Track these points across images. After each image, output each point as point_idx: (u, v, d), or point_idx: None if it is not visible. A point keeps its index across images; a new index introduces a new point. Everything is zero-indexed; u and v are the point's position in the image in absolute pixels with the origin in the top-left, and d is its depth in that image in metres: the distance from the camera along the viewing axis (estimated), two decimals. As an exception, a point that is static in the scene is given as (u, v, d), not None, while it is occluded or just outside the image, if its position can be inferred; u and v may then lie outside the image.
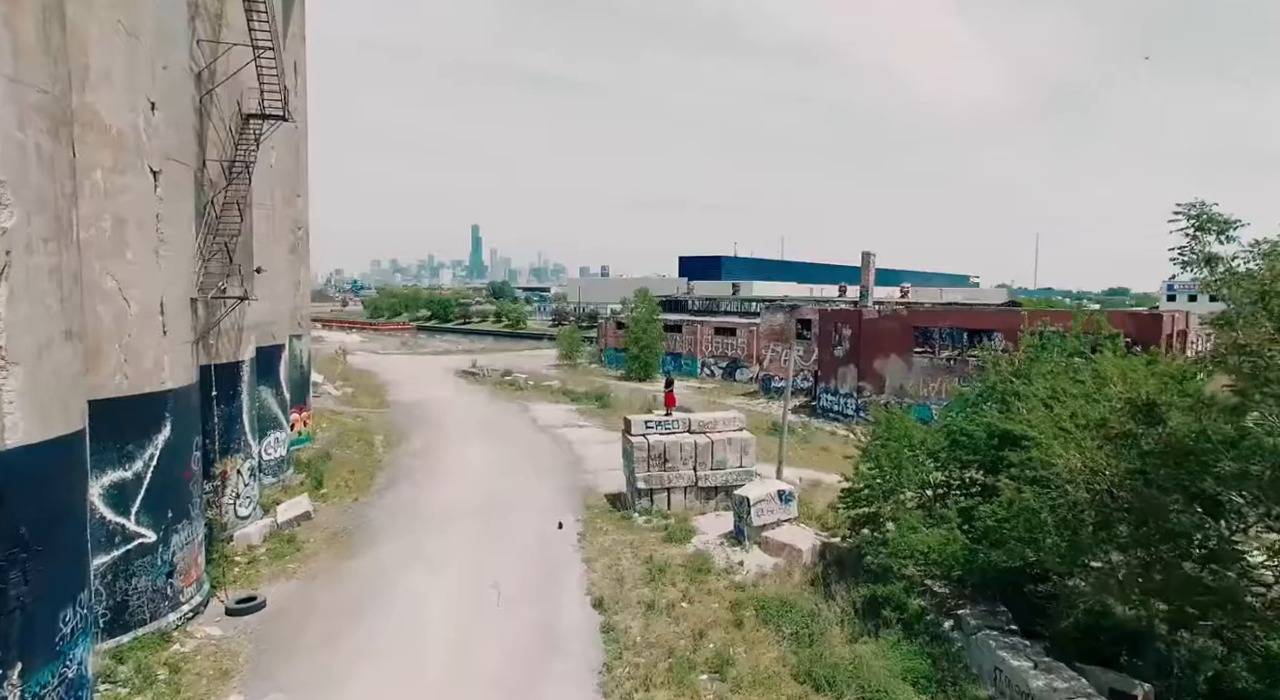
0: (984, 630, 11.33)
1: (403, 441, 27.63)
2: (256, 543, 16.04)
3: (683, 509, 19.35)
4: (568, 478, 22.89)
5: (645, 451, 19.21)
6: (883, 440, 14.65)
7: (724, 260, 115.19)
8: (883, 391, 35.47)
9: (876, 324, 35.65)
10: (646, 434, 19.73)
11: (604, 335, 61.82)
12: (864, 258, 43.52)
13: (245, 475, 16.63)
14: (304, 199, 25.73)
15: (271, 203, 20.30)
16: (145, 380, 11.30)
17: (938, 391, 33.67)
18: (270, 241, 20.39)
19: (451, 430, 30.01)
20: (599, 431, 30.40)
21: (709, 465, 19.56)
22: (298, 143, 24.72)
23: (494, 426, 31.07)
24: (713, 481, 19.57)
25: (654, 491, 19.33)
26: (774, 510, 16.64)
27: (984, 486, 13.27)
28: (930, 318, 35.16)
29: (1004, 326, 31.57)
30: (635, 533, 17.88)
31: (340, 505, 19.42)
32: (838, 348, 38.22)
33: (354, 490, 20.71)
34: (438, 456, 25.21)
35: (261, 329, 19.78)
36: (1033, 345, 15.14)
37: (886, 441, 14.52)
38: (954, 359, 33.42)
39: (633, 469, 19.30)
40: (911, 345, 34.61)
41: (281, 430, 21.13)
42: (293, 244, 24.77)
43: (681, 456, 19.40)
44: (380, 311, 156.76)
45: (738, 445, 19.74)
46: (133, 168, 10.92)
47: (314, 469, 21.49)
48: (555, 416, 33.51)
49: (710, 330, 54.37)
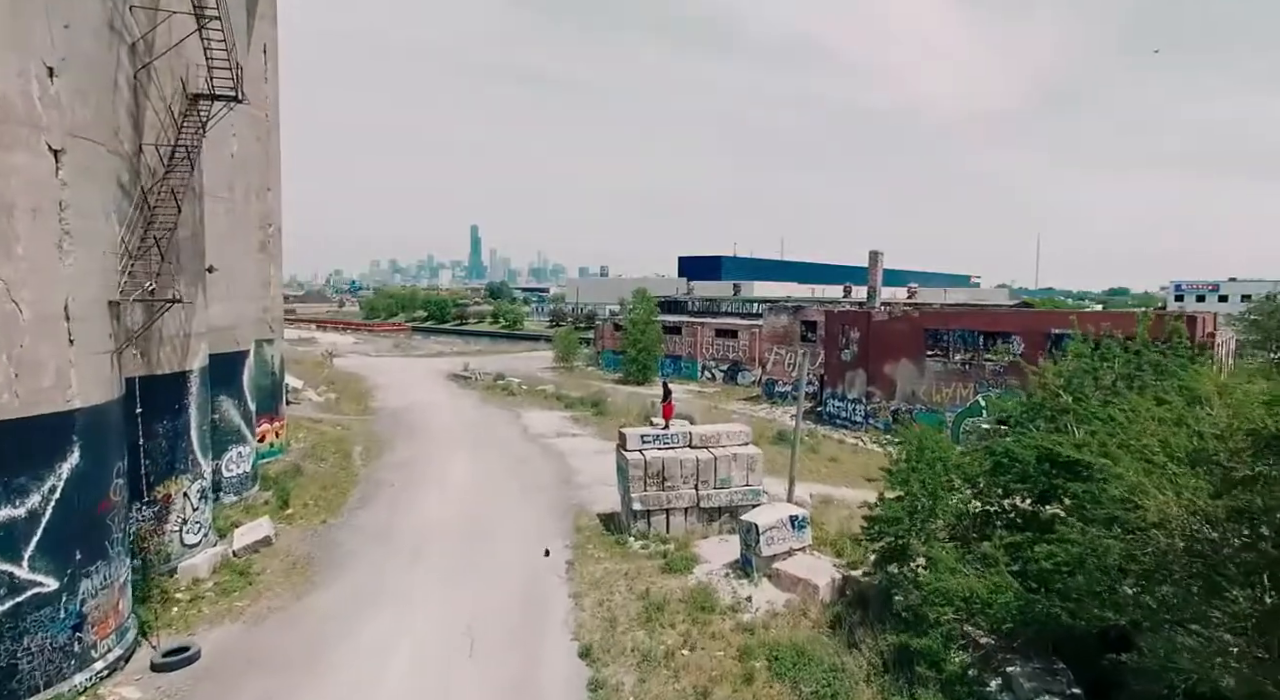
0: (1042, 696, 9.53)
1: (384, 452, 25.81)
2: (204, 575, 14.22)
3: (683, 532, 17.55)
4: (558, 494, 21.07)
5: (641, 469, 17.40)
6: (913, 462, 12.85)
7: (724, 260, 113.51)
8: (893, 397, 33.72)
9: (886, 326, 33.86)
10: (643, 449, 17.92)
11: (601, 337, 60.00)
12: (871, 257, 41.73)
13: (194, 498, 14.80)
14: (275, 194, 23.91)
15: (232, 196, 18.48)
16: (43, 399, 9.48)
17: (951, 397, 31.91)
18: (231, 238, 18.58)
19: (437, 440, 28.19)
20: (593, 441, 28.59)
21: (712, 484, 17.75)
22: (267, 133, 22.90)
23: (482, 436, 29.25)
24: (716, 502, 17.77)
25: (651, 513, 17.52)
26: (786, 538, 14.84)
27: (1031, 517, 11.47)
28: (943, 319, 33.35)
29: (1023, 329, 29.79)
30: (630, 560, 16.07)
31: (306, 528, 17.59)
32: (845, 351, 36.42)
33: (323, 510, 18.89)
34: (419, 470, 23.38)
35: (219, 334, 17.98)
36: (1083, 354, 13.23)
37: (917, 464, 12.72)
38: (969, 363, 31.63)
39: (628, 488, 17.49)
40: (923, 348, 32.82)
41: (245, 444, 19.31)
42: (261, 242, 22.94)
43: (682, 474, 17.59)
44: (376, 312, 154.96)
45: (744, 461, 17.93)
46: (22, 144, 9.10)
47: (281, 486, 19.68)
48: (548, 424, 31.69)
49: (711, 332, 52.56)
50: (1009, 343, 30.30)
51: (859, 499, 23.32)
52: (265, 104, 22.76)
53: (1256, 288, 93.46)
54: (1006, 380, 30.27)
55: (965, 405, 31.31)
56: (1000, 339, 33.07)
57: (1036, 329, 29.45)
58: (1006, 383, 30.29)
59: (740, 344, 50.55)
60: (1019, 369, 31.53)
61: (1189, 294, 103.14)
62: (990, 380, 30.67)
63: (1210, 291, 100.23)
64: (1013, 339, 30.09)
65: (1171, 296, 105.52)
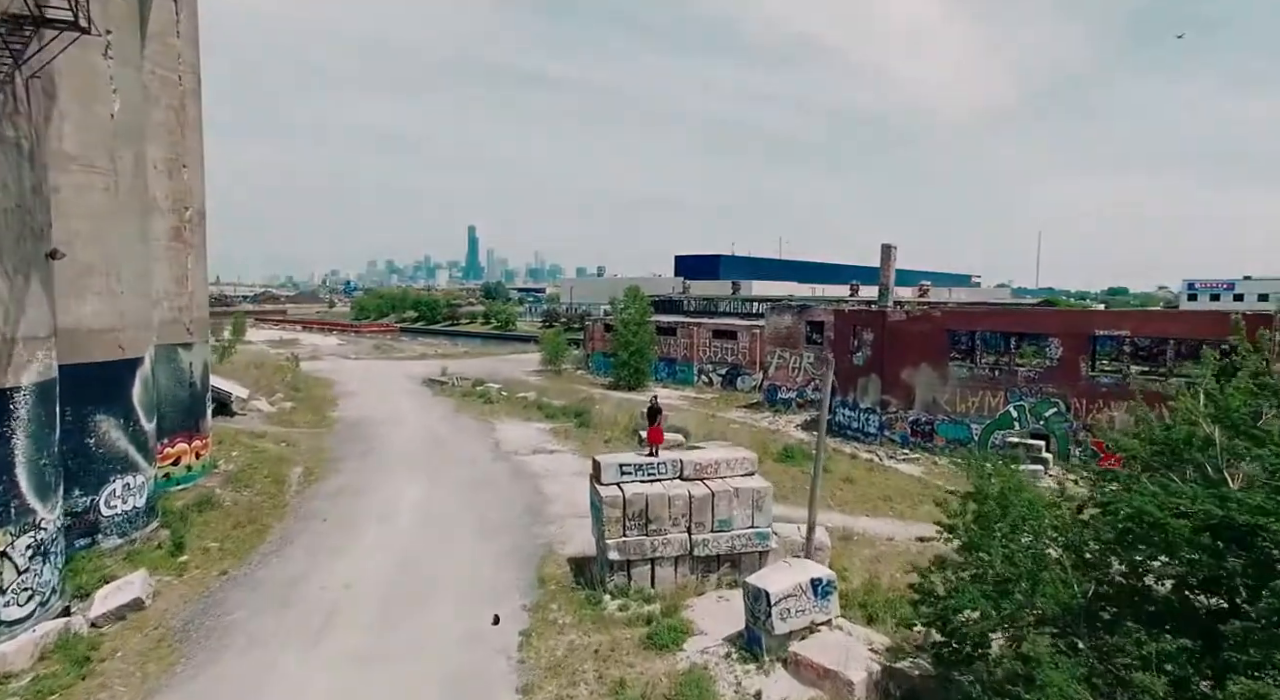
0: None
1: (327, 475, 22.19)
2: (22, 665, 10.59)
3: (673, 587, 13.96)
4: (523, 532, 17.46)
5: (619, 508, 13.81)
6: (987, 515, 9.25)
7: (722, 259, 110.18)
8: (911, 407, 30.13)
9: (904, 327, 30.28)
10: (622, 482, 14.33)
11: (591, 338, 56.38)
12: (884, 251, 38.13)
13: (19, 556, 11.18)
14: (196, 172, 20.27)
15: (114, 168, 14.84)
16: None
17: (978, 407, 28.34)
18: (112, 220, 14.94)
19: (393, 458, 24.56)
20: (573, 459, 24.99)
21: (709, 526, 14.16)
22: (182, 99, 19.30)
23: (447, 452, 25.62)
24: (714, 548, 14.17)
25: (632, 563, 13.93)
26: (806, 608, 11.24)
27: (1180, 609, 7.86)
28: (969, 319, 29.82)
29: (1061, 330, 26.22)
30: (604, 629, 12.48)
31: (197, 582, 13.96)
32: (857, 354, 32.83)
33: (228, 555, 15.26)
34: (363, 499, 19.77)
35: (91, 338, 14.37)
36: (1262, 372, 9.19)
37: (990, 522, 9.11)
38: (998, 368, 28.08)
39: (603, 531, 13.89)
40: (946, 352, 29.26)
41: (135, 472, 15.66)
42: (174, 228, 19.35)
43: (670, 515, 14.00)
44: (366, 313, 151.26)
45: (748, 498, 14.34)
46: None
47: (179, 524, 16.05)
48: (523, 438, 28.07)
49: (708, 333, 48.97)
50: (1045, 346, 26.76)
51: (883, 532, 19.81)
52: (179, 65, 19.16)
53: (1274, 286, 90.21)
54: (1042, 388, 26.75)
55: (994, 416, 27.79)
56: (1034, 341, 29.53)
57: (1077, 330, 25.90)
58: (1043, 391, 26.78)
59: (740, 346, 46.98)
60: (1056, 376, 28.16)
61: (1202, 293, 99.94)
62: (1023, 388, 27.13)
63: (1225, 290, 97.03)
64: (1049, 342, 26.54)
65: (1184, 295, 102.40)
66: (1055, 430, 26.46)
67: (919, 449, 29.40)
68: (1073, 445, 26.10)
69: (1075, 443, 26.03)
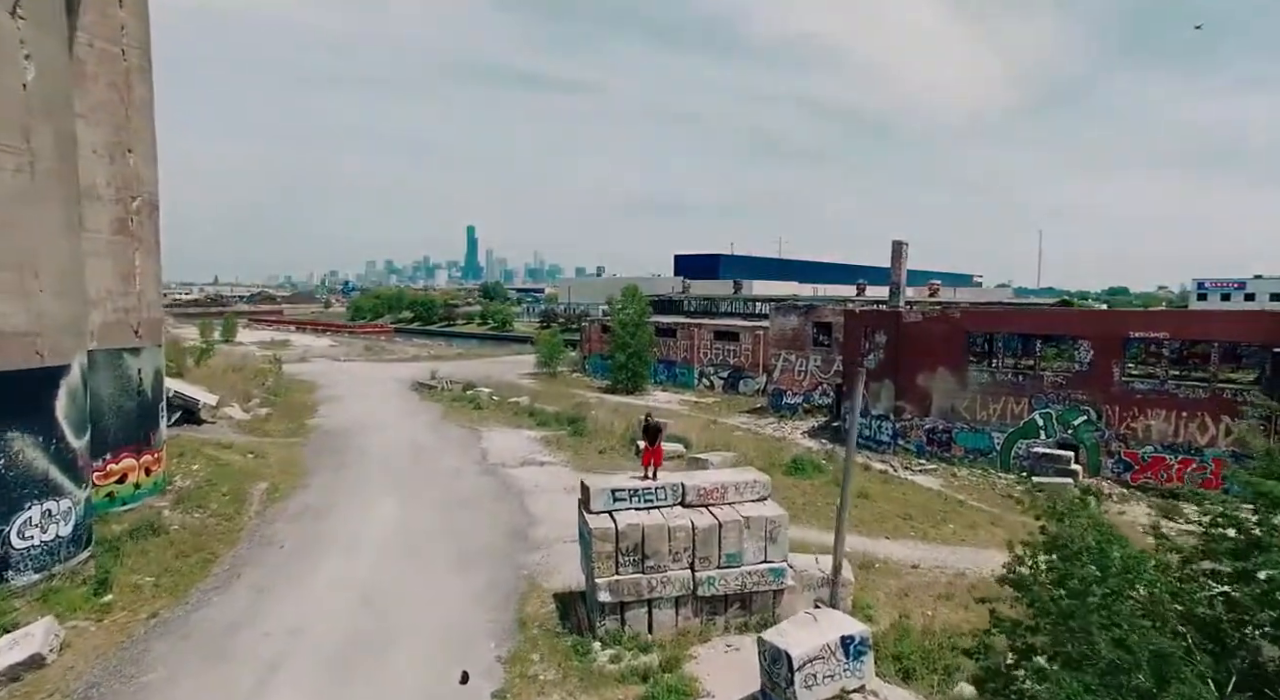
0: None
1: (294, 492, 20.24)
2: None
3: (673, 632, 12.03)
4: (505, 561, 15.51)
5: (612, 541, 11.86)
6: (1072, 576, 7.28)
7: (722, 258, 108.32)
8: (928, 414, 28.21)
9: (920, 328, 28.35)
10: (614, 510, 12.39)
11: (588, 340, 54.45)
12: (895, 248, 36.12)
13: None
14: (145, 158, 18.31)
15: (28, 147, 12.88)
16: None
17: (1000, 414, 26.41)
18: (26, 205, 12.96)
19: (369, 472, 22.62)
20: (565, 472, 23.06)
21: (715, 561, 12.21)
22: (126, 77, 17.34)
23: (428, 465, 23.67)
24: (721, 587, 12.23)
25: (626, 605, 11.98)
26: (835, 673, 9.28)
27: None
28: (990, 320, 27.89)
29: (1092, 332, 24.26)
30: (592, 689, 10.54)
31: (120, 629, 11.98)
32: (868, 357, 30.89)
33: (162, 593, 13.29)
34: (329, 520, 17.82)
35: (0, 344, 12.42)
36: None
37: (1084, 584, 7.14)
38: (1022, 373, 26.15)
39: (592, 568, 11.95)
40: (966, 355, 27.34)
41: (58, 497, 13.70)
42: (119, 219, 17.41)
43: (671, 548, 12.05)
44: (362, 313, 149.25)
45: (760, 527, 12.39)
46: None
47: (110, 555, 14.08)
48: (512, 449, 26.12)
49: (709, 334, 47.03)
50: (1074, 349, 24.82)
51: (907, 557, 17.82)
52: (123, 39, 17.20)
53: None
54: (1071, 394, 24.81)
55: (1018, 424, 25.86)
56: (1061, 344, 27.58)
57: (1110, 332, 23.96)
58: (1071, 397, 24.84)
59: (742, 348, 45.03)
60: (1086, 381, 26.20)
61: (1212, 292, 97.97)
62: (1049, 394, 25.20)
63: (1236, 290, 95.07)
64: (1078, 344, 24.61)
65: (1194, 295, 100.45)
66: (1085, 440, 24.54)
67: (936, 459, 27.48)
68: (1104, 456, 24.19)
69: (1107, 454, 24.11)
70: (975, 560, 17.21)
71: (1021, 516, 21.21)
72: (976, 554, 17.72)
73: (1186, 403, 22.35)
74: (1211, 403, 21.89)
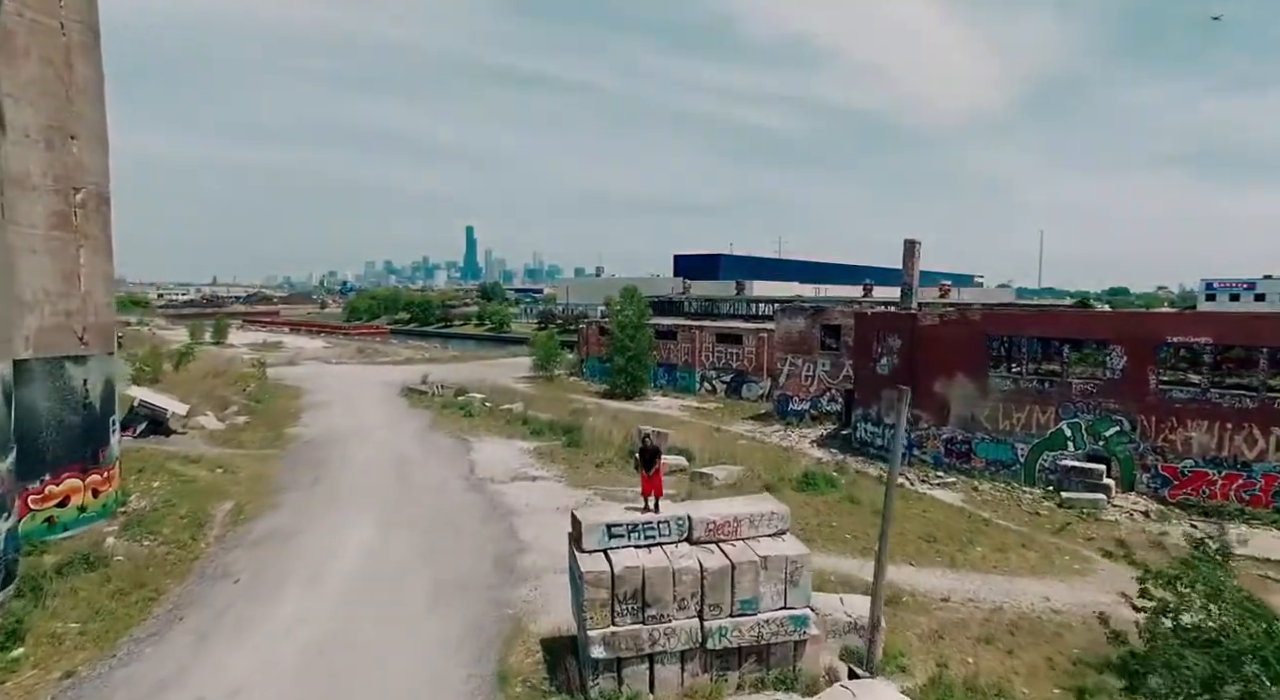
0: None
1: (262, 511, 18.51)
2: None
3: (679, 692, 10.30)
4: (487, 595, 13.77)
5: (607, 587, 10.13)
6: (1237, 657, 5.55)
7: (722, 258, 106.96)
8: (945, 423, 26.48)
9: (937, 332, 26.62)
10: (610, 549, 10.65)
11: (585, 342, 52.74)
12: (907, 246, 34.45)
13: None
14: (91, 146, 16.56)
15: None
16: None
17: (1024, 424, 24.70)
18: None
19: (346, 488, 20.89)
20: (559, 489, 21.35)
21: (727, 608, 10.48)
22: (66, 55, 15.58)
23: (411, 481, 21.93)
24: (734, 638, 10.49)
25: (624, 661, 10.24)
26: (880, 765, 7.55)
27: None
28: (1013, 323, 26.16)
29: (1124, 336, 22.51)
30: (582, 769, 8.82)
31: (24, 695, 10.21)
32: (881, 362, 29.21)
33: (88, 643, 11.51)
34: (295, 547, 16.08)
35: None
36: None
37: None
38: (1048, 381, 24.43)
39: (584, 618, 10.21)
40: (986, 360, 25.63)
41: (-28, 530, 11.94)
42: (59, 213, 15.66)
43: (676, 594, 10.31)
44: (358, 314, 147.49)
45: (780, 568, 10.65)
46: None
47: (30, 597, 12.31)
48: (503, 461, 24.38)
49: (711, 337, 45.32)
50: (1106, 354, 23.10)
51: (936, 587, 15.96)
52: (61, 11, 15.46)
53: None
54: (1102, 403, 23.10)
55: (1044, 435, 24.16)
56: (1090, 349, 25.87)
57: (1145, 336, 22.24)
58: (1102, 406, 23.13)
59: (745, 351, 43.34)
60: (1118, 389, 24.44)
61: (1221, 293, 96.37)
62: (1079, 403, 23.50)
63: (1245, 290, 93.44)
64: (1110, 350, 22.89)
65: (1202, 295, 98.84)
66: (1118, 452, 22.83)
67: (955, 471, 25.77)
68: (1139, 470, 22.48)
69: (1142, 467, 22.41)
70: (1010, 591, 15.52)
71: (1054, 538, 19.53)
72: (1010, 583, 16.03)
73: (1232, 413, 20.64)
74: (1261, 413, 20.18)
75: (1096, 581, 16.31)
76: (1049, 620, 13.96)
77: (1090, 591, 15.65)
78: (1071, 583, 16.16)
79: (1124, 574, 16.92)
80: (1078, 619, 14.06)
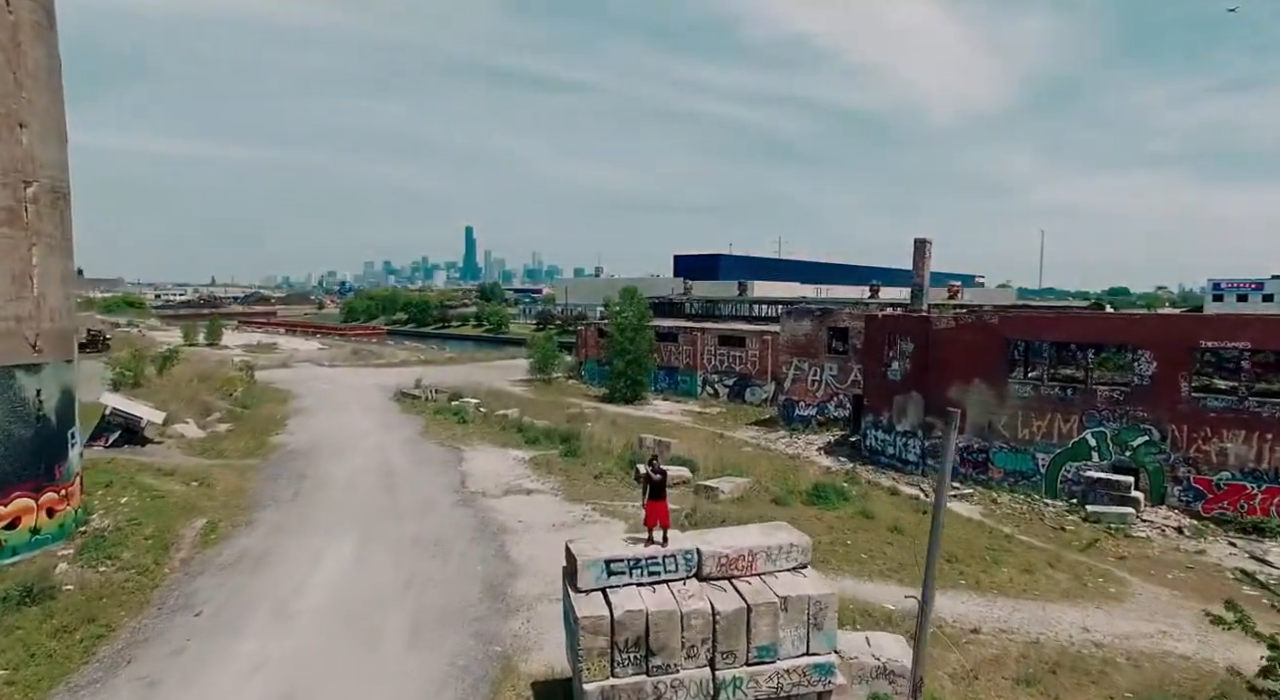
0: None
1: (236, 530, 17.22)
2: None
3: (687, 753, 9.01)
4: (474, 628, 12.47)
5: (606, 633, 8.84)
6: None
7: (722, 258, 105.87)
8: (961, 431, 25.20)
9: (952, 335, 25.35)
10: (609, 587, 9.36)
11: (584, 344, 51.47)
12: (918, 246, 33.26)
13: None
14: (45, 139, 15.26)
15: None
16: None
17: (1045, 432, 23.44)
18: None
19: (327, 503, 19.60)
20: (555, 503, 20.08)
21: (742, 656, 9.19)
22: (14, 34, 14.29)
23: (398, 495, 20.64)
24: (751, 690, 9.19)
25: (625, 718, 8.96)
26: None
27: None
28: (1034, 326, 24.90)
29: (1155, 340, 21.25)
30: None
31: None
32: (892, 367, 27.96)
33: (18, 693, 10.16)
34: (268, 571, 14.78)
35: None
36: None
37: None
38: (1072, 387, 23.17)
39: (580, 668, 8.92)
40: (1005, 366, 24.37)
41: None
42: (8, 208, 14.36)
43: (684, 640, 9.03)
44: (355, 315, 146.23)
45: (801, 610, 9.37)
46: None
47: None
48: (496, 472, 23.09)
49: (713, 339, 44.05)
50: (1136, 359, 21.83)
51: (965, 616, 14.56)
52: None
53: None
54: (1129, 411, 21.83)
55: (1066, 444, 22.90)
56: (1110, 352, 24.65)
57: (1178, 341, 20.98)
58: (1130, 415, 21.86)
59: (749, 354, 42.07)
60: (1148, 396, 23.10)
61: (1228, 293, 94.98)
62: (1104, 410, 22.25)
63: (1254, 290, 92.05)
64: (1140, 354, 21.62)
65: (1209, 296, 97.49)
66: (1146, 463, 21.57)
67: (971, 482, 24.51)
68: (1170, 483, 21.22)
69: (1173, 480, 21.14)
70: (1044, 620, 14.25)
71: (1082, 556, 18.26)
72: (1043, 610, 14.75)
73: (1273, 422, 19.37)
74: (1305, 423, 18.93)
75: (1136, 608, 15.06)
76: (1091, 656, 12.69)
77: (1130, 620, 14.39)
78: (1109, 609, 14.89)
79: (1164, 600, 15.71)
80: (1122, 654, 12.82)
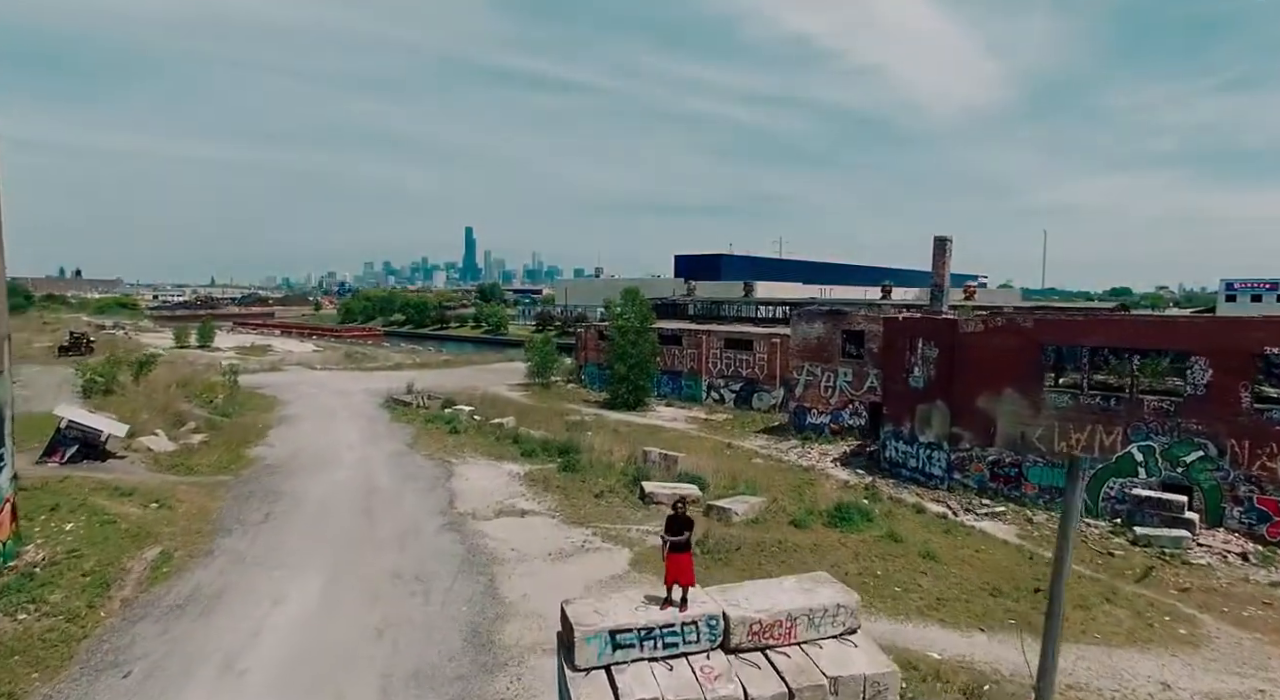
0: None
1: (192, 561, 15.29)
2: None
3: None
4: (455, 690, 10.54)
5: (610, 730, 6.93)
6: None
7: (723, 259, 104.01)
8: (991, 443, 23.29)
9: (981, 340, 23.41)
10: (614, 664, 7.45)
11: (584, 347, 49.53)
12: (938, 244, 31.31)
13: None
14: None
15: None
16: None
17: (1085, 445, 21.48)
18: None
19: (299, 528, 17.67)
20: (553, 526, 18.15)
21: (782, 754, 7.27)
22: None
23: (378, 517, 18.71)
24: (792, 798, 7.29)
25: None
26: None
27: None
28: (1071, 330, 22.97)
29: (1210, 346, 19.32)
30: None
31: None
32: (914, 373, 26.01)
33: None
34: (218, 616, 12.85)
35: None
36: None
37: None
38: (1115, 396, 21.24)
39: (577, 771, 7.01)
40: (1040, 372, 22.44)
41: None
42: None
43: (709, 737, 7.11)
44: (353, 316, 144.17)
45: (854, 691, 7.45)
46: None
47: None
48: (488, 490, 21.16)
49: (718, 342, 42.10)
50: (1188, 366, 19.91)
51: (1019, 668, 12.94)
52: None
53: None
54: (1182, 423, 19.89)
55: (1109, 459, 20.96)
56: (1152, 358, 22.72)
57: (1236, 346, 19.06)
58: (1182, 427, 19.92)
59: (756, 357, 40.11)
60: (1203, 407, 21.09)
61: (1242, 293, 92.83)
62: (1152, 422, 20.31)
63: (1268, 291, 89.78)
64: (1193, 362, 19.70)
65: (1222, 296, 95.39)
66: (1202, 481, 19.63)
67: (1002, 499, 22.58)
68: (1228, 503, 19.27)
69: (1233, 500, 19.19)
70: (1115, 672, 12.31)
71: (1140, 588, 16.33)
72: (1110, 658, 12.81)
73: (1348, 439, 17.45)
74: (1386, 439, 17.00)
75: (1217, 656, 13.10)
76: (1183, 724, 10.77)
77: (1215, 672, 12.45)
78: (1187, 657, 12.95)
79: (1248, 646, 13.66)
80: (1215, 718, 10.91)
